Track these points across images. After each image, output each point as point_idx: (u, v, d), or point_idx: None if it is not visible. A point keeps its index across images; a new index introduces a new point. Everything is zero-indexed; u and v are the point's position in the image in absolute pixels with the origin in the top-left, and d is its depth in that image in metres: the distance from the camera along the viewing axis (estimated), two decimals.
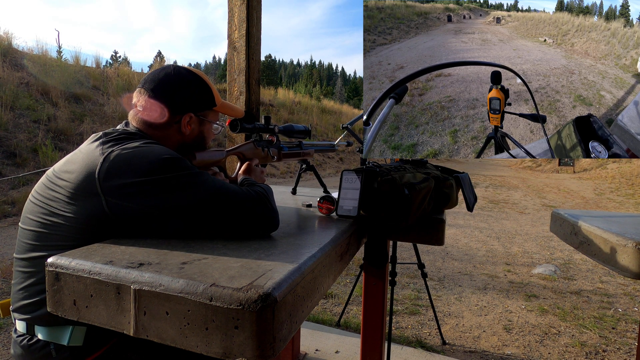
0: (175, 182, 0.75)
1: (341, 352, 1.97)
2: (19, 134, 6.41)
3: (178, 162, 0.78)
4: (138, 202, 0.75)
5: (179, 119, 0.92)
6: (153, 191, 0.75)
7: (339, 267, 0.86)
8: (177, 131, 0.93)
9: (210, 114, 0.98)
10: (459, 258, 3.91)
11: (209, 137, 1.00)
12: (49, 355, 0.82)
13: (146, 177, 0.75)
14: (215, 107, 0.98)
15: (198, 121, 0.95)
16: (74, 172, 0.78)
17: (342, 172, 1.06)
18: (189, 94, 0.92)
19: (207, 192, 0.76)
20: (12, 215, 4.94)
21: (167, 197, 0.75)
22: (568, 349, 2.17)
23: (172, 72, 0.92)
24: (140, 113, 0.91)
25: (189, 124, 0.93)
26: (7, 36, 8.55)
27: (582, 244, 1.21)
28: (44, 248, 0.80)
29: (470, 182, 1.31)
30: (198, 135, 0.97)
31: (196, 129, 0.95)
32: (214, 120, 0.99)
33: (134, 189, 0.74)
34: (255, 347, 0.50)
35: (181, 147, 0.95)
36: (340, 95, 55.52)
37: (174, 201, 0.75)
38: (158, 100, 0.89)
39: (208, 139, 1.00)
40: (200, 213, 0.76)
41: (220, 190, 0.78)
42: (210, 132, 1.00)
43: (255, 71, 2.01)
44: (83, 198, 0.77)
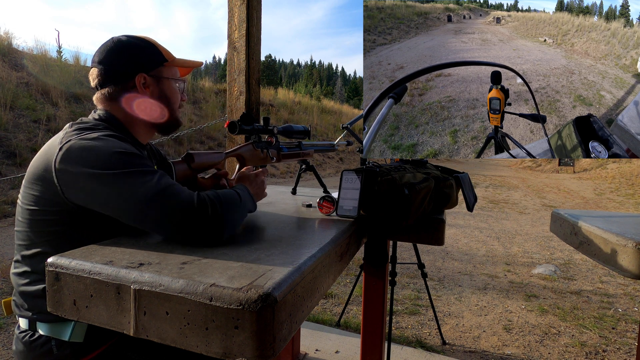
0: (118, 178, 0.74)
1: (341, 352, 1.97)
2: (19, 134, 6.41)
3: (126, 157, 0.77)
4: (85, 194, 0.76)
5: (132, 84, 0.91)
6: (97, 184, 0.75)
7: (339, 267, 0.86)
8: (127, 100, 0.92)
9: (165, 70, 0.95)
10: (459, 258, 3.91)
11: (172, 95, 0.97)
12: (50, 352, 0.83)
13: (93, 170, 0.74)
14: (167, 63, 0.95)
15: (154, 81, 0.93)
16: (35, 162, 0.82)
17: (342, 172, 1.06)
18: (134, 56, 0.91)
19: (147, 191, 0.73)
20: (12, 215, 4.94)
21: (108, 192, 0.74)
22: (568, 349, 2.17)
23: (112, 42, 0.91)
24: (98, 92, 0.92)
25: (145, 86, 0.92)
26: (7, 36, 8.55)
27: (582, 244, 1.21)
28: (32, 245, 0.83)
29: (470, 182, 1.31)
30: (160, 96, 0.94)
31: (155, 89, 0.94)
32: (171, 76, 0.96)
33: (82, 181, 0.75)
34: (255, 347, 0.50)
35: (154, 111, 0.95)
36: (340, 95, 55.52)
37: (113, 196, 0.74)
38: (107, 72, 0.89)
39: (172, 97, 0.97)
40: (137, 212, 0.74)
41: (162, 191, 0.74)
42: (172, 90, 0.97)
43: (255, 71, 2.01)
44: (45, 188, 0.80)
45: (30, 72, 7.89)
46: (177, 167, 0.90)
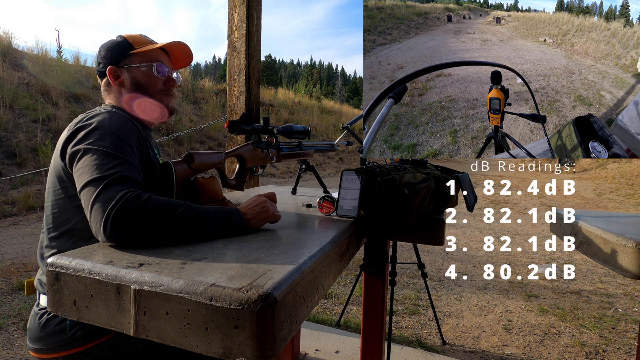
0: (85, 149, 0.79)
1: (341, 352, 1.97)
2: (19, 134, 6.41)
3: (100, 131, 0.82)
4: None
5: (107, 78, 0.99)
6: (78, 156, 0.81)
7: (339, 267, 0.86)
8: (117, 88, 0.99)
9: (134, 58, 0.98)
10: (459, 258, 3.91)
11: (147, 82, 0.99)
12: (62, 331, 0.86)
13: (80, 144, 0.81)
14: (133, 51, 0.98)
15: (126, 70, 0.98)
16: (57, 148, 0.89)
17: (342, 172, 1.06)
18: (105, 51, 0.99)
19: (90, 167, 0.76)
20: (12, 215, 4.94)
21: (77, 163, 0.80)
22: (568, 349, 2.17)
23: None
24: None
25: (116, 77, 0.98)
26: (7, 36, 8.55)
27: (582, 244, 1.21)
28: (58, 226, 0.89)
29: (470, 182, 1.30)
30: (134, 83, 0.98)
31: (127, 78, 0.98)
32: (142, 62, 0.98)
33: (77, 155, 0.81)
34: (255, 347, 0.50)
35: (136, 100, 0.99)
36: (340, 95, 55.50)
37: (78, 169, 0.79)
38: (97, 71, 1.02)
39: (147, 84, 0.99)
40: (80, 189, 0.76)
41: (96, 170, 0.75)
42: (148, 75, 0.99)
43: (255, 71, 2.01)
44: (61, 167, 0.87)
45: (30, 72, 7.88)
46: (177, 167, 0.90)
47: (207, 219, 0.77)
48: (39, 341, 0.87)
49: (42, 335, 0.87)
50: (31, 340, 0.89)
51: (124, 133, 0.84)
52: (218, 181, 1.02)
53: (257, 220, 0.85)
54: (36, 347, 0.88)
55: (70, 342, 0.86)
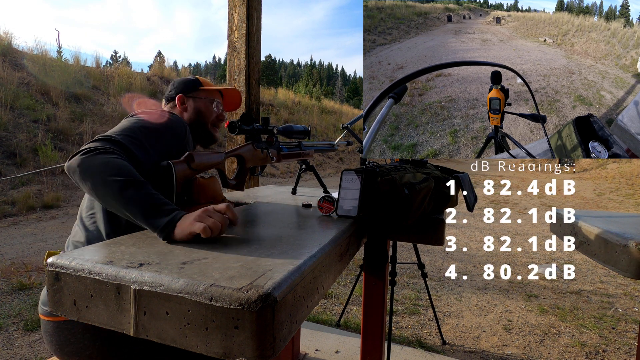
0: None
1: (341, 352, 1.97)
2: (19, 134, 6.41)
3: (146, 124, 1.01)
4: None
5: (174, 102, 1.22)
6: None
7: (339, 267, 0.86)
8: (180, 114, 1.22)
9: (199, 93, 1.24)
10: (459, 258, 3.91)
11: (207, 111, 1.24)
12: None
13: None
14: (201, 87, 1.25)
15: (191, 99, 1.23)
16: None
17: (342, 172, 1.06)
18: (176, 84, 1.25)
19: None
20: (12, 215, 4.94)
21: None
22: (568, 349, 2.17)
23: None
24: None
25: (182, 103, 1.22)
26: (7, 36, 8.55)
27: (582, 244, 1.21)
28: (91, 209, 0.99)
29: (470, 182, 1.30)
30: (196, 110, 1.22)
31: (191, 105, 1.22)
32: (206, 97, 1.24)
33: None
34: (255, 347, 0.50)
35: (192, 123, 1.22)
36: (340, 95, 55.46)
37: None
38: (165, 97, 1.27)
39: (207, 113, 1.24)
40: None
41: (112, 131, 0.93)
42: (208, 107, 1.24)
43: (255, 71, 2.01)
44: None
45: (30, 72, 7.88)
46: (177, 167, 0.90)
47: (134, 201, 0.76)
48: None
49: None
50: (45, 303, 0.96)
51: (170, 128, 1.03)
52: (218, 181, 1.02)
53: (186, 231, 0.74)
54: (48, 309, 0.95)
55: None
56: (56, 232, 4.34)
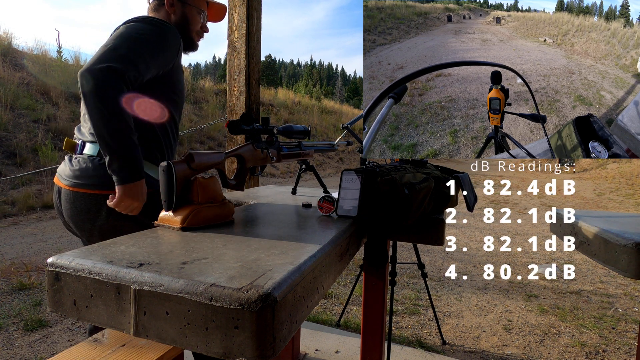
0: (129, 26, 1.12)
1: (341, 352, 1.97)
2: (19, 134, 6.41)
3: (156, 28, 1.12)
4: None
5: (162, 1, 1.23)
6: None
7: (339, 267, 0.86)
8: (165, 13, 1.24)
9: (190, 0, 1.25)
10: (459, 258, 3.91)
11: (192, 21, 1.26)
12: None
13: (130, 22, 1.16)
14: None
15: (180, 4, 1.24)
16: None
17: (342, 172, 1.06)
18: None
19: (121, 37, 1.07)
20: (12, 215, 4.94)
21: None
22: (568, 349, 2.17)
23: None
24: (148, 4, 1.27)
25: (171, 5, 1.22)
26: (7, 36, 8.55)
27: (582, 244, 1.21)
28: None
29: (470, 182, 1.30)
30: (181, 17, 1.25)
31: (178, 10, 1.24)
32: (195, 5, 1.26)
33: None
34: (255, 347, 0.50)
35: (177, 27, 1.22)
36: (340, 95, 55.43)
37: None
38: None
39: (191, 21, 1.26)
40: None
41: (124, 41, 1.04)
42: (194, 17, 1.26)
43: (255, 71, 2.01)
44: None
45: (30, 72, 7.88)
46: (177, 167, 0.90)
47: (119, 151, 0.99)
48: (93, 178, 1.11)
49: (97, 174, 1.10)
50: (80, 178, 1.11)
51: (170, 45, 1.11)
52: (218, 181, 1.02)
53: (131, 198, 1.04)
54: (87, 183, 1.11)
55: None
56: (56, 232, 4.34)
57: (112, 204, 1.05)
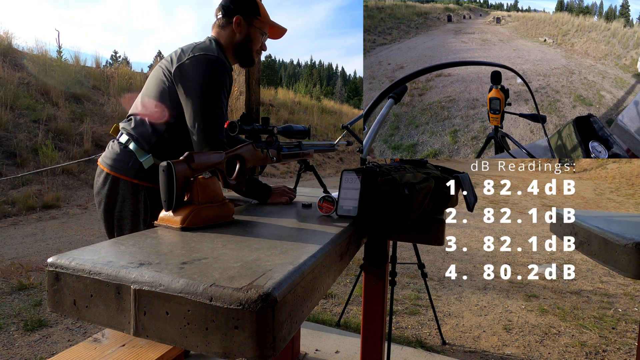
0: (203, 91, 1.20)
1: (341, 352, 1.97)
2: (19, 134, 6.41)
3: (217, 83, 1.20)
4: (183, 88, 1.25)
5: (231, 20, 1.29)
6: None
7: (339, 267, 0.86)
8: (232, 31, 1.30)
9: (256, 21, 1.31)
10: (459, 258, 3.91)
11: (255, 41, 1.33)
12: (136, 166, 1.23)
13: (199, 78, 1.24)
14: (259, 17, 1.31)
15: (246, 24, 1.30)
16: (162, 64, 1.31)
17: (342, 172, 1.06)
18: (240, 2, 1.29)
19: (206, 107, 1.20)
20: (12, 215, 4.94)
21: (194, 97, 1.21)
22: (568, 349, 2.17)
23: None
24: (215, 20, 1.34)
25: (238, 26, 1.29)
26: (7, 36, 8.55)
27: (582, 244, 1.21)
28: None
29: (470, 182, 1.30)
30: (245, 37, 1.31)
31: (244, 31, 1.31)
32: (260, 28, 1.33)
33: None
34: (255, 347, 0.50)
35: (240, 44, 1.32)
36: (340, 95, 55.41)
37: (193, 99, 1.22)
38: (222, 7, 1.31)
39: (254, 43, 1.34)
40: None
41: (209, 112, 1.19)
42: (257, 37, 1.33)
43: (255, 71, 2.01)
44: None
45: (30, 72, 7.88)
46: (177, 167, 0.90)
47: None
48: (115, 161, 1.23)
49: (117, 159, 1.23)
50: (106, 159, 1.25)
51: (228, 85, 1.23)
52: (218, 181, 1.02)
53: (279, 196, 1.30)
54: (110, 164, 1.24)
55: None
56: (56, 232, 4.34)
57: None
